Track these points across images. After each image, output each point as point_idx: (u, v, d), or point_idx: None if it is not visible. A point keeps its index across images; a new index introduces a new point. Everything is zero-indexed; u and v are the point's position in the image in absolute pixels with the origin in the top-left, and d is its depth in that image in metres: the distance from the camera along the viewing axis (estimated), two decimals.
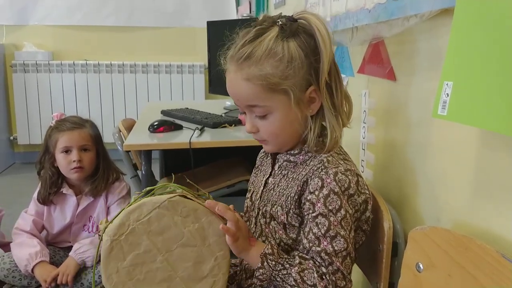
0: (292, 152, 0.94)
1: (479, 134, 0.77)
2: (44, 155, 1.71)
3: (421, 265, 0.82)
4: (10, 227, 1.75)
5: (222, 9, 4.08)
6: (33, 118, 3.98)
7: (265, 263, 0.84)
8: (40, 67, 3.90)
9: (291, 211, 0.90)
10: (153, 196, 0.89)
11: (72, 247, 1.68)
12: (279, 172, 0.97)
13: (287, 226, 0.91)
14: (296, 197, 0.89)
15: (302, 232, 0.88)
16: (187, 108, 2.27)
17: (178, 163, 2.17)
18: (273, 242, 0.93)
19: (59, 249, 1.76)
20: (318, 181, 0.85)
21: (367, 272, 1.07)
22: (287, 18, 0.87)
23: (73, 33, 3.99)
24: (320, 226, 0.83)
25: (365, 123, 1.25)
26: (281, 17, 0.87)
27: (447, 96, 0.72)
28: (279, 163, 0.98)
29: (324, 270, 0.82)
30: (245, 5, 3.55)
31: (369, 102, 1.23)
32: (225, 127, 1.87)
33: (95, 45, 4.03)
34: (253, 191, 1.03)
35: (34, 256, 1.59)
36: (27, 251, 1.60)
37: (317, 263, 0.84)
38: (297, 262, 0.84)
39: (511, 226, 0.70)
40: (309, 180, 0.87)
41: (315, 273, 0.82)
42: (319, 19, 0.87)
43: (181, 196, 0.89)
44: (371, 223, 0.92)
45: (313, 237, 0.84)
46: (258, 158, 1.10)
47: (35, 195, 1.71)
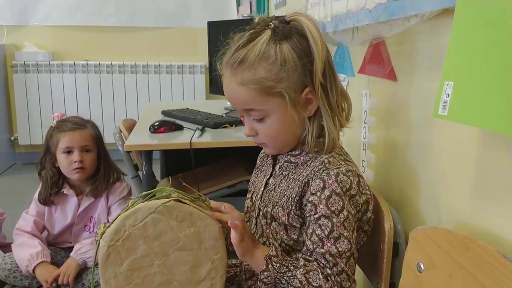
0: (293, 153, 0.94)
1: (480, 134, 0.77)
2: (45, 156, 1.71)
3: (422, 265, 0.82)
4: (11, 227, 1.76)
5: (223, 9, 4.08)
6: (33, 118, 3.98)
7: (270, 266, 0.84)
8: (41, 68, 3.90)
9: (292, 212, 0.90)
10: (148, 201, 0.90)
11: (73, 247, 1.69)
12: (280, 172, 0.97)
13: (288, 227, 0.91)
14: (297, 198, 0.89)
15: (304, 233, 0.88)
16: (188, 109, 2.27)
17: (178, 163, 2.17)
18: (275, 243, 0.93)
19: (60, 249, 1.76)
20: (320, 182, 0.85)
21: (368, 273, 1.07)
22: (279, 21, 0.86)
23: (73, 34, 4.00)
24: (323, 227, 0.83)
25: (365, 123, 1.25)
26: (273, 20, 0.87)
27: (448, 96, 0.72)
28: (280, 164, 0.98)
29: (329, 271, 0.82)
30: (246, 5, 3.55)
31: (369, 102, 1.23)
32: (226, 127, 1.87)
33: (95, 45, 4.04)
34: (254, 191, 1.03)
35: (35, 256, 1.60)
36: (28, 251, 1.61)
37: (321, 264, 0.83)
38: (301, 264, 0.84)
39: None
40: (310, 181, 0.87)
41: (320, 274, 0.82)
42: (310, 20, 0.86)
43: (176, 200, 0.89)
44: (372, 223, 0.92)
45: (317, 238, 0.84)
46: (258, 159, 1.10)
47: (36, 195, 1.71)
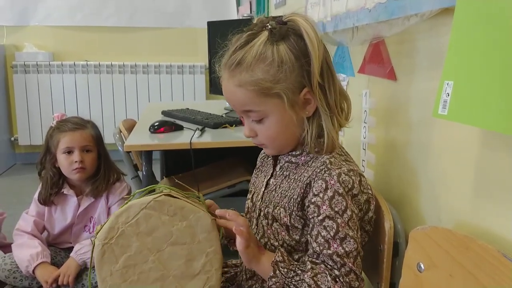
0: (294, 153, 0.94)
1: (480, 134, 0.77)
2: (45, 156, 1.71)
3: (422, 265, 0.82)
4: (11, 228, 1.75)
5: (223, 9, 4.08)
6: (34, 118, 3.98)
7: (277, 271, 0.83)
8: (41, 68, 3.90)
9: (293, 213, 0.89)
10: (140, 198, 0.90)
11: (73, 247, 1.68)
12: (281, 173, 0.97)
13: (290, 228, 0.91)
14: (298, 199, 0.89)
15: (309, 235, 0.88)
16: (188, 109, 2.27)
17: (178, 163, 2.17)
18: (276, 244, 0.93)
19: (60, 249, 1.76)
20: (322, 183, 0.85)
21: (368, 272, 1.06)
22: (276, 21, 0.86)
23: (73, 34, 4.00)
24: (328, 229, 0.83)
25: (365, 123, 1.25)
26: (271, 21, 0.87)
27: (448, 95, 0.72)
28: (281, 164, 0.97)
29: (337, 272, 0.82)
30: (246, 5, 3.55)
31: (369, 102, 1.23)
32: (226, 127, 1.87)
33: (95, 45, 4.04)
34: (254, 192, 1.03)
35: (35, 257, 1.59)
36: (28, 252, 1.61)
37: (329, 266, 0.83)
38: (309, 267, 0.83)
39: None
40: (312, 183, 0.87)
41: (328, 276, 0.81)
42: (307, 20, 0.86)
43: (166, 195, 0.89)
44: (373, 223, 0.92)
45: (323, 240, 0.83)
46: (258, 159, 1.10)
47: (36, 195, 1.71)
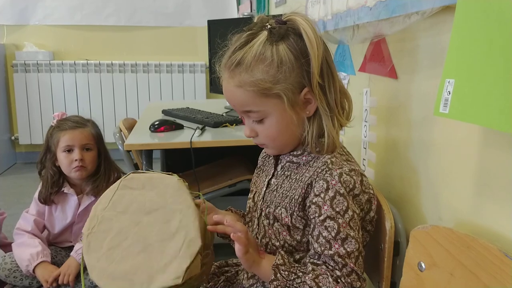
0: (295, 153, 0.93)
1: (482, 132, 0.77)
2: (45, 155, 1.71)
3: (423, 264, 0.82)
4: (11, 227, 1.76)
5: (223, 8, 4.08)
6: (34, 118, 3.98)
7: (278, 275, 0.83)
8: (41, 67, 3.90)
9: (295, 213, 0.89)
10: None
11: (73, 247, 1.68)
12: (282, 173, 0.96)
13: (291, 228, 0.91)
14: (300, 199, 0.88)
15: (310, 236, 0.87)
16: (188, 108, 2.26)
17: (179, 162, 2.17)
18: (277, 244, 0.93)
19: (60, 249, 1.76)
20: (323, 183, 0.84)
21: (369, 272, 1.06)
22: (276, 21, 0.86)
23: (74, 33, 3.99)
24: (329, 229, 0.83)
25: (366, 121, 1.25)
26: (270, 20, 0.87)
27: (449, 94, 0.72)
28: (282, 164, 0.97)
29: (338, 273, 0.82)
30: (246, 4, 3.55)
31: (370, 100, 1.23)
32: (226, 126, 1.87)
33: (96, 44, 4.03)
34: (256, 191, 1.02)
35: (35, 256, 1.60)
36: (28, 251, 1.61)
37: (330, 267, 0.83)
38: (310, 269, 0.83)
39: None
40: (313, 183, 0.86)
41: (329, 277, 0.81)
42: (306, 20, 0.86)
43: (133, 173, 0.94)
44: (375, 223, 0.92)
45: (324, 240, 0.83)
46: (260, 158, 1.09)
47: (36, 195, 1.71)
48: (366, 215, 0.90)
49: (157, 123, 1.82)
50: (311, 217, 0.86)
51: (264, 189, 0.98)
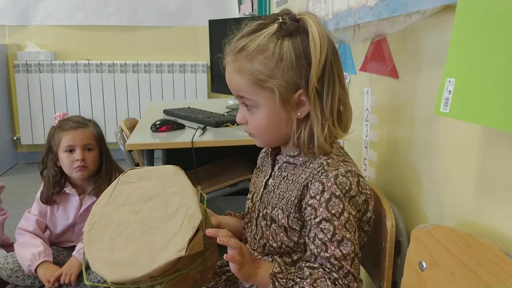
0: (292, 154, 0.93)
1: (483, 132, 0.77)
2: (47, 155, 1.71)
3: (424, 264, 0.82)
4: (13, 227, 1.76)
5: (224, 8, 4.08)
6: (36, 118, 3.99)
7: (276, 283, 0.82)
8: (43, 67, 3.91)
9: (291, 215, 0.89)
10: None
11: (75, 246, 1.69)
12: (279, 173, 0.96)
13: (288, 229, 0.90)
14: (296, 201, 0.88)
15: (306, 237, 0.87)
16: (190, 107, 2.27)
17: (180, 162, 2.16)
18: (275, 245, 0.92)
19: (62, 249, 1.77)
20: (319, 185, 0.84)
21: (370, 271, 1.06)
22: (289, 17, 0.86)
23: (75, 33, 4.00)
24: (325, 231, 0.82)
25: (367, 121, 1.25)
26: (284, 15, 0.87)
27: (450, 93, 0.71)
28: (279, 165, 0.97)
29: (335, 275, 0.81)
30: (247, 3, 3.55)
31: (371, 100, 1.23)
32: (228, 126, 1.87)
33: (97, 45, 4.04)
34: (254, 192, 1.02)
35: (37, 256, 1.60)
36: (30, 251, 1.61)
37: (327, 269, 0.83)
38: (307, 274, 0.82)
39: None
40: (309, 185, 0.86)
41: (327, 280, 0.81)
42: (316, 22, 0.85)
43: (131, 169, 0.97)
44: (372, 223, 0.91)
45: (320, 242, 0.83)
46: (259, 159, 1.09)
47: (38, 195, 1.72)
48: (363, 216, 0.89)
49: (158, 123, 1.82)
50: (307, 219, 0.86)
51: (262, 189, 0.98)
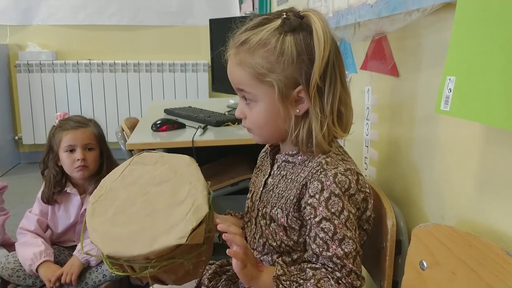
0: (290, 153, 0.93)
1: (484, 130, 0.76)
2: (48, 155, 1.72)
3: (425, 263, 0.81)
4: (15, 227, 1.76)
5: (225, 7, 4.08)
6: (37, 118, 3.99)
7: (280, 286, 0.82)
8: (44, 67, 3.91)
9: (290, 214, 0.89)
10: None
11: (76, 246, 1.69)
12: (278, 172, 0.96)
13: (287, 229, 0.90)
14: (295, 200, 0.88)
15: (307, 237, 0.87)
16: (190, 107, 2.26)
17: None
18: (274, 244, 0.92)
19: (63, 248, 1.77)
20: (318, 184, 0.84)
21: (370, 270, 1.06)
22: (294, 13, 0.86)
23: (76, 33, 4.00)
24: (326, 230, 0.82)
25: (368, 120, 1.24)
26: (289, 11, 0.87)
27: (450, 91, 0.71)
28: (278, 164, 0.96)
29: (338, 274, 0.81)
30: (248, 2, 3.54)
31: (372, 98, 1.22)
32: (228, 125, 1.86)
33: (98, 44, 4.04)
34: (254, 191, 1.02)
35: (38, 255, 1.60)
36: (31, 250, 1.61)
37: (329, 269, 0.82)
38: (310, 275, 0.82)
39: None
40: (308, 184, 0.86)
41: (331, 280, 0.81)
42: (320, 19, 0.85)
43: (146, 152, 0.97)
44: (372, 222, 0.91)
45: (321, 242, 0.83)
46: (259, 158, 1.09)
47: (39, 194, 1.72)
48: (362, 214, 0.88)
49: (159, 122, 1.82)
50: (307, 218, 0.85)
51: (261, 188, 0.98)
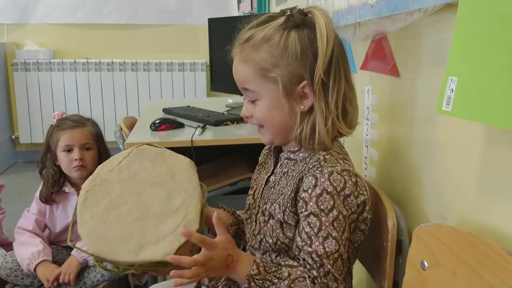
0: (292, 150, 0.93)
1: (485, 130, 0.76)
2: (45, 154, 1.71)
3: (425, 263, 0.81)
4: (12, 226, 1.75)
5: (224, 6, 4.07)
6: (34, 117, 3.98)
7: (252, 283, 0.82)
8: (42, 66, 3.89)
9: (287, 209, 0.89)
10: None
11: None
12: (280, 170, 0.96)
13: (284, 225, 0.90)
14: (292, 195, 0.88)
15: (297, 230, 0.87)
16: (189, 106, 2.26)
17: None
18: (270, 241, 0.92)
19: (61, 248, 1.76)
20: (312, 179, 0.84)
21: (371, 270, 1.06)
22: (298, 11, 0.88)
23: (74, 32, 3.99)
24: (311, 225, 0.82)
25: (368, 120, 1.24)
26: (293, 9, 0.88)
27: (452, 91, 0.71)
28: (281, 161, 0.97)
29: (315, 273, 0.81)
30: (247, 1, 3.54)
31: (372, 98, 1.22)
32: (227, 124, 1.86)
33: (96, 43, 4.03)
34: (256, 188, 1.02)
35: (36, 255, 1.59)
36: (29, 250, 1.61)
37: (307, 266, 0.82)
38: (286, 275, 0.82)
39: None
40: (304, 178, 0.86)
41: (307, 279, 0.81)
42: (324, 15, 0.86)
43: (147, 144, 0.96)
44: (369, 222, 0.90)
45: (306, 236, 0.83)
46: (261, 155, 1.09)
47: (37, 194, 1.71)
48: (359, 216, 0.88)
49: (157, 121, 1.82)
50: (299, 211, 0.86)
51: (263, 186, 0.99)
